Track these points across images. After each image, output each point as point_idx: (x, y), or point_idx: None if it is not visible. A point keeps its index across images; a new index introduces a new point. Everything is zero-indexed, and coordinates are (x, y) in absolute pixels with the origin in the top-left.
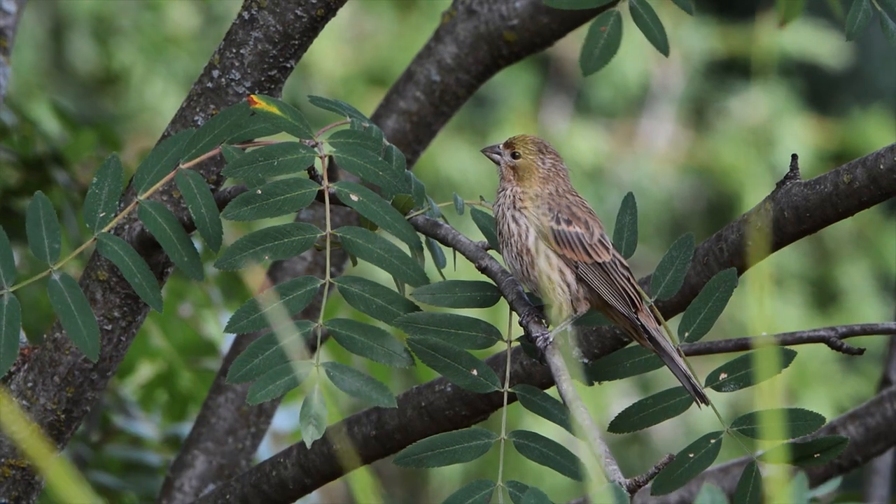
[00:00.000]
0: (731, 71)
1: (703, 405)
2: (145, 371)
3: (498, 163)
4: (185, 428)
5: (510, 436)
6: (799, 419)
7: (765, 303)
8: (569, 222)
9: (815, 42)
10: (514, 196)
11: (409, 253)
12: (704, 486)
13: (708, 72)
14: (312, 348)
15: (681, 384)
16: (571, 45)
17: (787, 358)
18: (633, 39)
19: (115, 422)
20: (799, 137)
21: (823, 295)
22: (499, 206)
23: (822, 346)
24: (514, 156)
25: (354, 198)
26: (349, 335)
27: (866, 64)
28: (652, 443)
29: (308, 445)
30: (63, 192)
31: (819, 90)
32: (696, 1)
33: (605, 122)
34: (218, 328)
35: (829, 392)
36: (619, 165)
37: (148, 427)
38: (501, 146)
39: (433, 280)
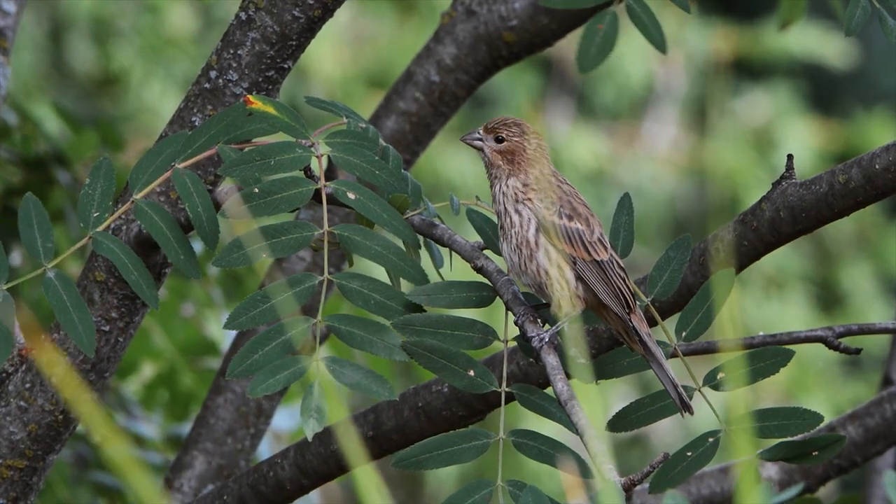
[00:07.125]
0: (734, 72)
1: (685, 414)
2: (147, 371)
3: (481, 149)
4: (187, 428)
5: (509, 435)
6: (797, 418)
7: (762, 303)
8: (570, 218)
9: (820, 43)
10: (514, 190)
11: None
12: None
13: (711, 73)
14: (312, 345)
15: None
16: (573, 46)
17: (786, 358)
18: (636, 41)
19: (116, 421)
20: (802, 139)
21: (827, 297)
22: (500, 202)
23: (823, 350)
24: (497, 140)
25: (352, 196)
26: (349, 330)
27: (870, 65)
28: (652, 446)
29: (309, 438)
30: (65, 191)
31: (822, 91)
32: (701, 2)
33: (608, 125)
34: (219, 328)
35: (828, 396)
36: (621, 167)
37: (149, 427)
38: (481, 131)
39: (432, 278)
